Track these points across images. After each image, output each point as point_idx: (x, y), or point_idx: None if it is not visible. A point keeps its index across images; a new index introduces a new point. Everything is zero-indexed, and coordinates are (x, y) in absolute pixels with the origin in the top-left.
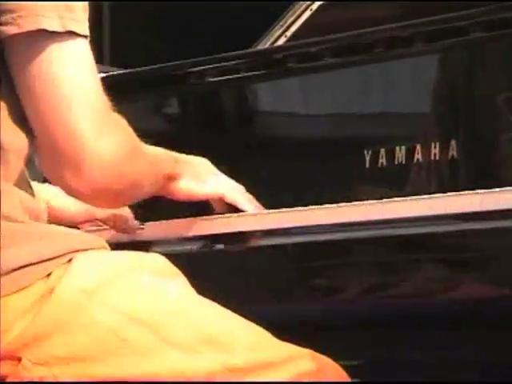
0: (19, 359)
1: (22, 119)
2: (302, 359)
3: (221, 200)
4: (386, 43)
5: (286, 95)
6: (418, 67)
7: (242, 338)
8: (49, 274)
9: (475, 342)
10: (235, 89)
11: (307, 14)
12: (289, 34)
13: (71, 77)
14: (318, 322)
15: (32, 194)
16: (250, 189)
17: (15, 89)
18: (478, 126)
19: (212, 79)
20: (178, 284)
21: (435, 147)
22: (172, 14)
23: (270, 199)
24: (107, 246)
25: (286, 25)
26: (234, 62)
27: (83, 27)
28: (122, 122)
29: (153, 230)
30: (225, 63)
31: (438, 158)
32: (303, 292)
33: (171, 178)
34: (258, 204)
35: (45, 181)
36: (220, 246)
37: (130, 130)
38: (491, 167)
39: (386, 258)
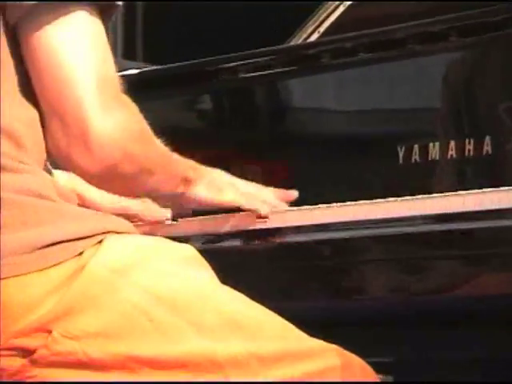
0: (50, 332)
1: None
2: (329, 354)
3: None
4: (418, 39)
5: (318, 91)
6: (451, 62)
7: (269, 328)
8: (80, 253)
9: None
10: (268, 85)
11: (340, 9)
12: (322, 29)
13: (74, 50)
14: (344, 319)
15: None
16: (282, 184)
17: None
18: None
19: (245, 75)
20: (206, 274)
21: (469, 143)
22: (204, 10)
23: (302, 195)
24: (137, 231)
25: (319, 21)
26: (266, 58)
27: None
28: (130, 103)
29: (187, 226)
30: (257, 59)
31: (472, 154)
32: (330, 289)
33: (187, 181)
34: (280, 203)
35: None
36: (254, 242)
37: (139, 115)
38: None
39: (420, 255)
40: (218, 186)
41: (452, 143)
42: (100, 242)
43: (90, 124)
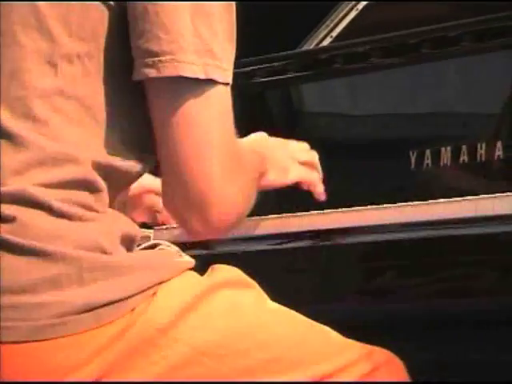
0: None
1: (138, 150)
2: (360, 362)
3: None
4: (432, 43)
5: (332, 95)
6: (465, 67)
7: (311, 352)
8: (133, 309)
9: None
10: (282, 89)
11: (353, 14)
12: (334, 34)
13: (208, 122)
14: (384, 321)
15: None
16: (296, 187)
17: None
18: None
19: (258, 80)
20: (249, 297)
21: (481, 148)
22: None
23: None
24: (191, 262)
25: (332, 25)
26: (281, 63)
27: (227, 75)
28: (245, 161)
29: None
30: (272, 64)
31: (483, 158)
32: (364, 291)
33: (262, 175)
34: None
35: None
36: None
37: (249, 165)
38: None
39: (435, 259)
40: (283, 167)
41: (464, 148)
42: (154, 294)
43: (212, 194)
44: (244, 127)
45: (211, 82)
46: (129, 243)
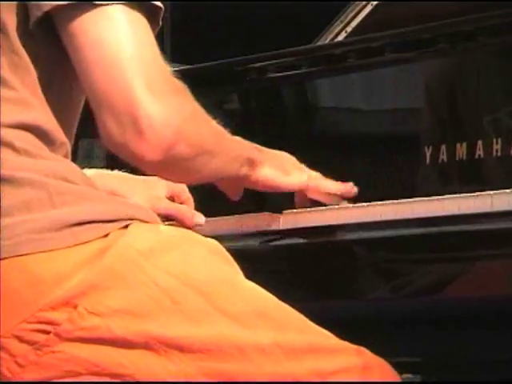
0: (75, 307)
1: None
2: (350, 353)
3: (303, 195)
4: (447, 38)
5: (346, 91)
6: (480, 63)
7: (296, 321)
8: (106, 235)
9: None
10: (296, 84)
11: (368, 9)
12: (349, 29)
13: (120, 38)
14: (371, 318)
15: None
16: None
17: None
18: None
19: (273, 75)
20: (231, 268)
21: (497, 143)
22: (232, 9)
23: None
24: (162, 223)
25: (346, 20)
26: (294, 58)
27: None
28: (182, 88)
29: (213, 225)
30: (285, 59)
31: (499, 154)
32: (362, 288)
33: (253, 163)
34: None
35: None
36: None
37: (191, 98)
38: None
39: (447, 254)
40: (284, 167)
41: (479, 143)
42: (126, 226)
43: (141, 108)
44: (257, 122)
45: (120, 4)
46: (92, 186)
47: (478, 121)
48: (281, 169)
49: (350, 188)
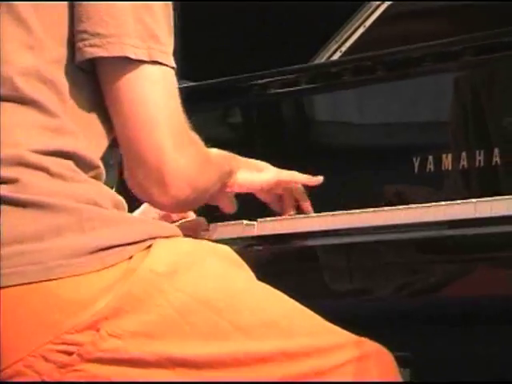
0: (98, 330)
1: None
2: (349, 347)
3: (279, 200)
4: (434, 57)
5: (341, 106)
6: (463, 81)
7: (300, 324)
8: (130, 257)
9: None
10: (295, 100)
11: (360, 30)
12: (343, 49)
13: (155, 100)
14: (364, 315)
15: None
16: (307, 195)
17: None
18: None
19: (274, 91)
20: (243, 273)
21: (479, 155)
22: (235, 29)
23: (326, 204)
24: (181, 234)
25: (341, 41)
26: (293, 76)
27: (170, 59)
28: (195, 137)
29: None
30: (285, 76)
31: (482, 164)
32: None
33: (231, 173)
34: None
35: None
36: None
37: (201, 143)
38: None
39: (436, 260)
40: (257, 167)
41: (463, 154)
42: (149, 247)
43: (169, 167)
44: (259, 135)
45: (155, 64)
46: (118, 207)
47: (462, 134)
48: (253, 168)
49: (317, 180)
